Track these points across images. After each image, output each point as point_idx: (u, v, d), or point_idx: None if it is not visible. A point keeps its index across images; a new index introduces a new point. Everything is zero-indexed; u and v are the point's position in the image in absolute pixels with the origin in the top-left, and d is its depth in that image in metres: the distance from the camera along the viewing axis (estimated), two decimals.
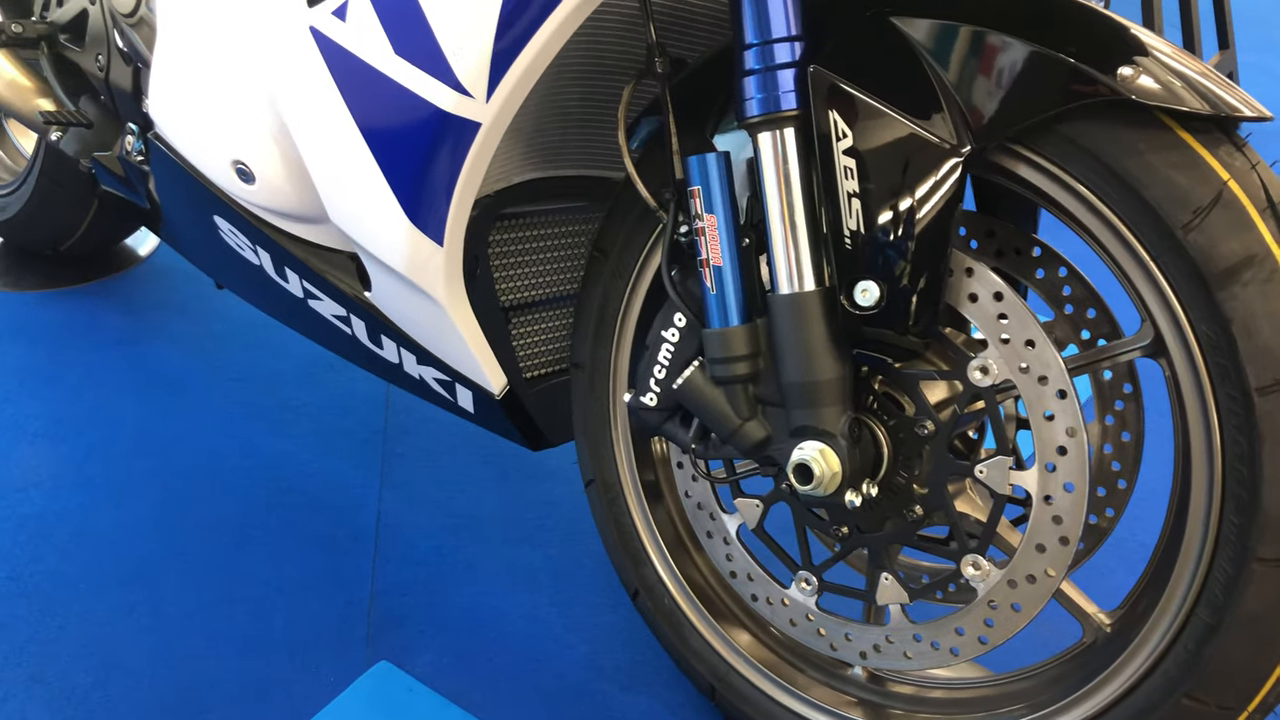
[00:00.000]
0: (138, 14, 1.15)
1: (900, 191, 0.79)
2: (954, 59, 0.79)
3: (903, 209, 0.79)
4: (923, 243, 0.79)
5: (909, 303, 0.80)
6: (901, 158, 0.78)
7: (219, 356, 1.80)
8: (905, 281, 0.80)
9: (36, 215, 1.87)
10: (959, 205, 0.79)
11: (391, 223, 0.98)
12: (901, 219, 0.79)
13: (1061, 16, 0.78)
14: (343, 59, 0.92)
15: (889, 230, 0.79)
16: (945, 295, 0.81)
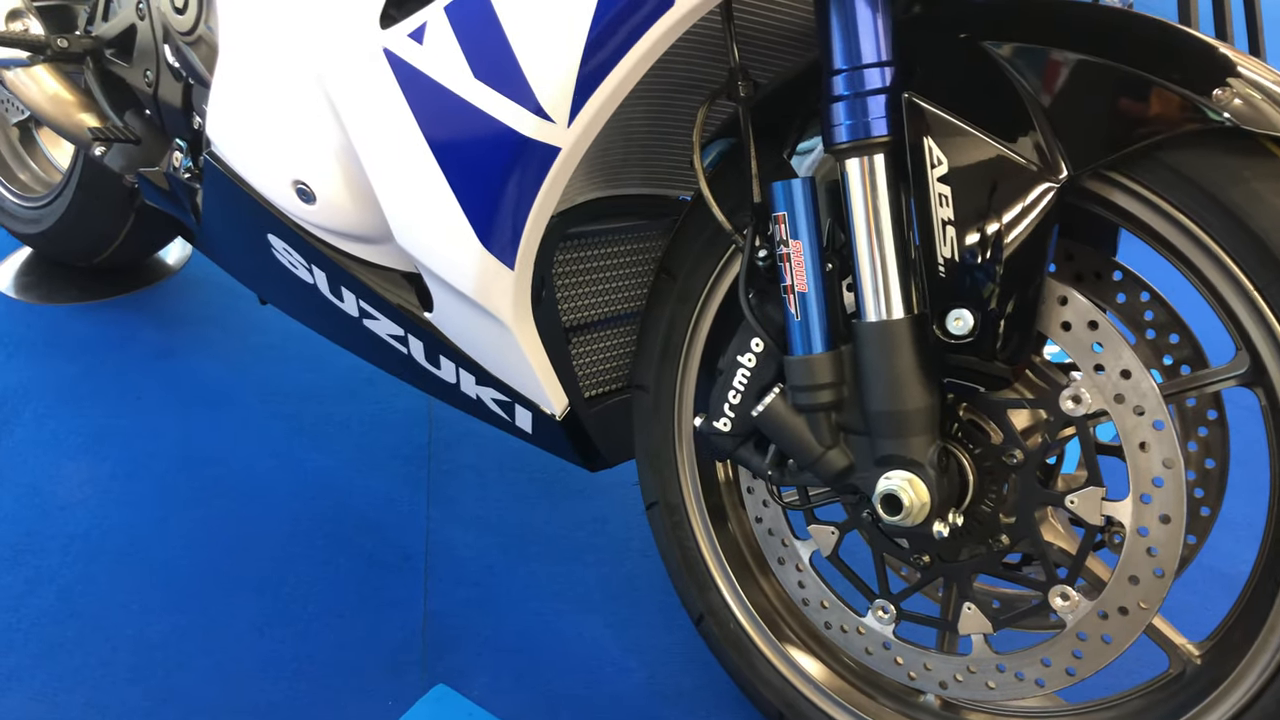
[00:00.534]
0: (196, 33, 1.14)
1: (996, 219, 0.77)
2: (1047, 85, 0.77)
3: (998, 236, 0.77)
4: (1018, 270, 0.78)
5: (1002, 331, 0.79)
6: (997, 185, 0.77)
7: (257, 371, 1.79)
8: (999, 309, 0.79)
9: (73, 228, 1.86)
10: (1054, 232, 0.78)
11: (462, 246, 0.97)
12: (997, 246, 0.78)
13: (1154, 40, 0.76)
14: (418, 81, 0.90)
15: (984, 258, 0.78)
16: (1038, 323, 0.80)
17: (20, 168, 1.98)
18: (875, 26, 0.80)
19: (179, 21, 1.15)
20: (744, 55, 1.01)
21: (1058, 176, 0.76)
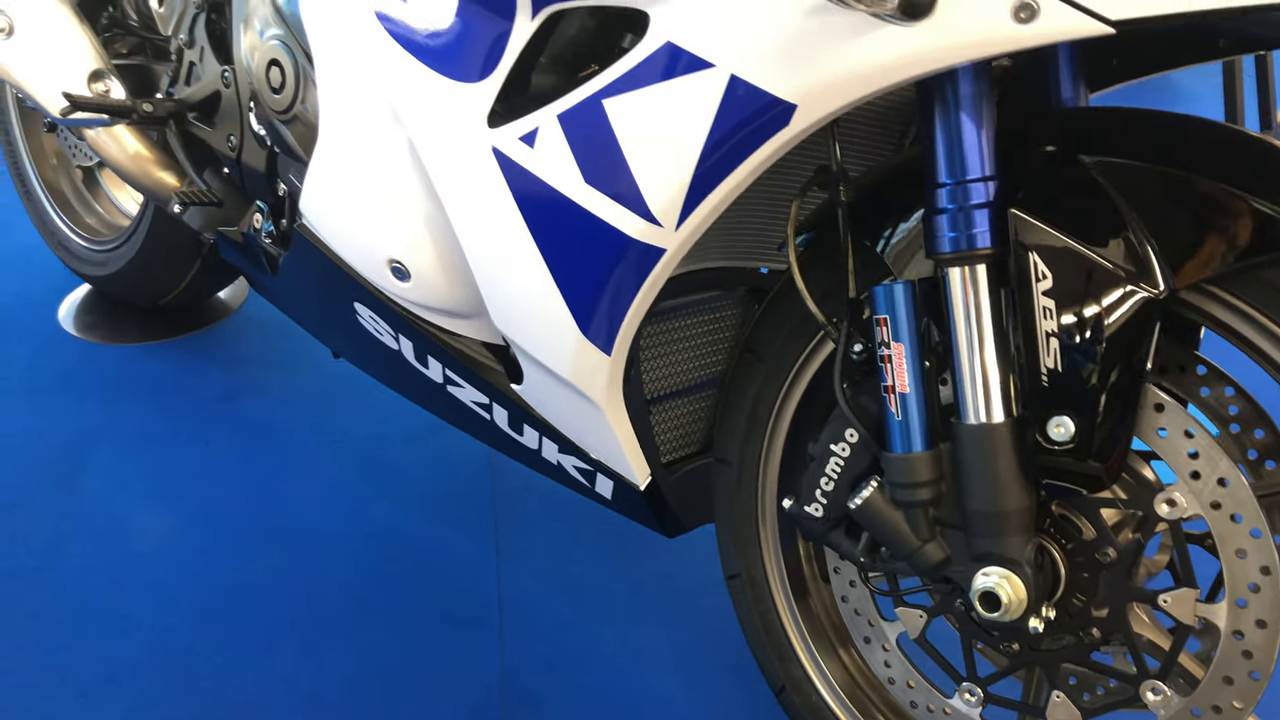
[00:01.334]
0: (292, 111, 1.17)
1: (1098, 331, 0.80)
2: (1147, 201, 0.80)
3: (1100, 348, 0.80)
4: (1118, 380, 0.80)
5: (1102, 437, 0.82)
6: (1100, 299, 0.80)
7: (321, 415, 1.82)
8: (1100, 418, 0.81)
9: (140, 272, 1.90)
10: (1153, 342, 0.80)
11: (562, 333, 1.00)
12: (1099, 358, 0.80)
13: (1255, 157, 0.79)
14: (527, 181, 0.93)
15: (1086, 368, 0.81)
16: (1135, 428, 0.83)
17: (86, 211, 2.02)
18: (980, 142, 0.83)
19: (275, 100, 1.19)
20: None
21: (1159, 291, 0.79)
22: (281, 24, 1.18)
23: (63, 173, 2.05)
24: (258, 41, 1.21)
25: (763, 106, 0.79)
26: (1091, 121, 0.90)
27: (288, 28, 1.17)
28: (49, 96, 1.47)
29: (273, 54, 1.18)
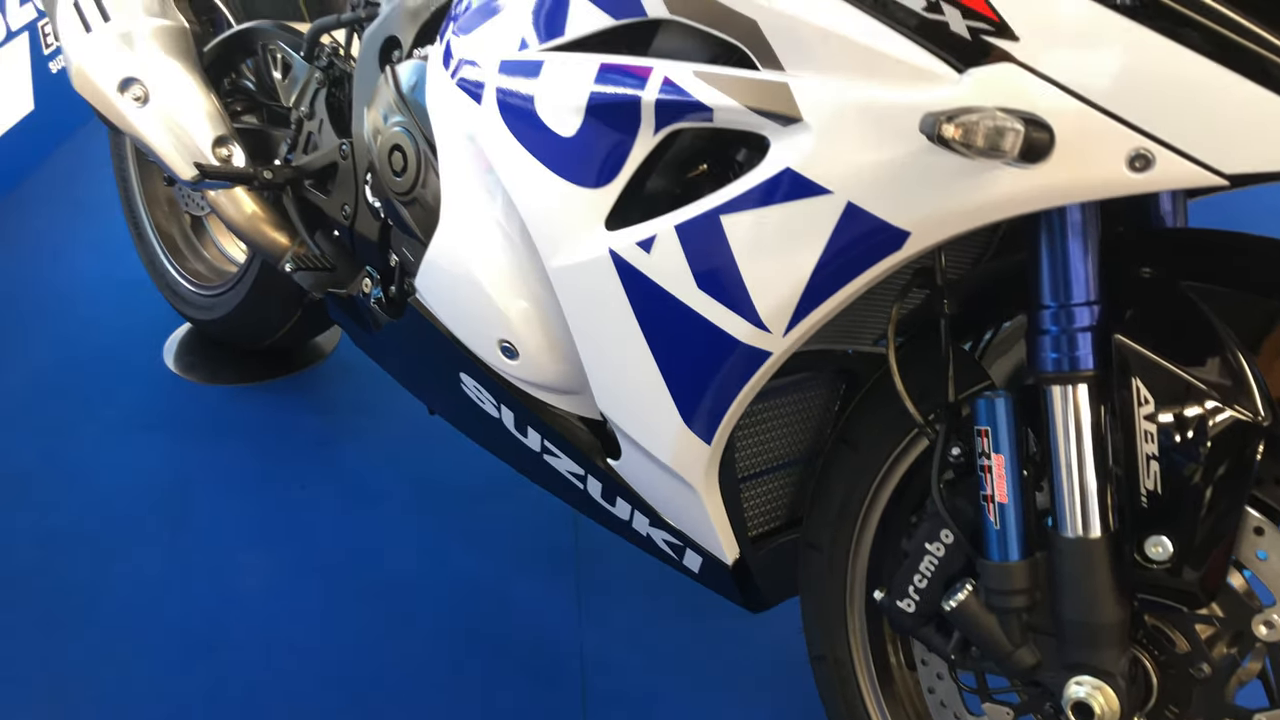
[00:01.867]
0: (412, 194, 1.23)
1: (1201, 457, 0.82)
2: (1249, 330, 0.82)
3: (1202, 474, 0.82)
4: (1219, 505, 0.82)
5: (1200, 558, 0.84)
6: (1204, 426, 0.82)
7: (411, 464, 1.89)
8: (1199, 539, 0.83)
9: (244, 319, 1.98)
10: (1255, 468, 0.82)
11: (665, 422, 1.05)
12: (1201, 483, 0.82)
13: None
14: (641, 283, 0.98)
15: (1187, 493, 0.83)
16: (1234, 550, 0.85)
17: (195, 257, 2.12)
18: (1085, 266, 0.86)
19: (395, 183, 1.25)
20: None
21: (1261, 418, 0.81)
22: (406, 111, 1.24)
23: (174, 219, 2.15)
24: (381, 125, 1.28)
25: (876, 232, 0.83)
26: (1191, 245, 0.92)
27: (411, 115, 1.23)
28: (178, 162, 1.56)
29: (396, 140, 1.24)
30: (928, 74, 0.76)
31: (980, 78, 0.74)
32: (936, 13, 0.75)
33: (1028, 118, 0.73)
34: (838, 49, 0.80)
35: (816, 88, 0.81)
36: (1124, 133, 0.72)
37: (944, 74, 0.76)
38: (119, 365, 2.13)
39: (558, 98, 0.98)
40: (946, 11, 0.75)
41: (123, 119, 1.58)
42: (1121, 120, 0.72)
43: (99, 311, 2.32)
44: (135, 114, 1.56)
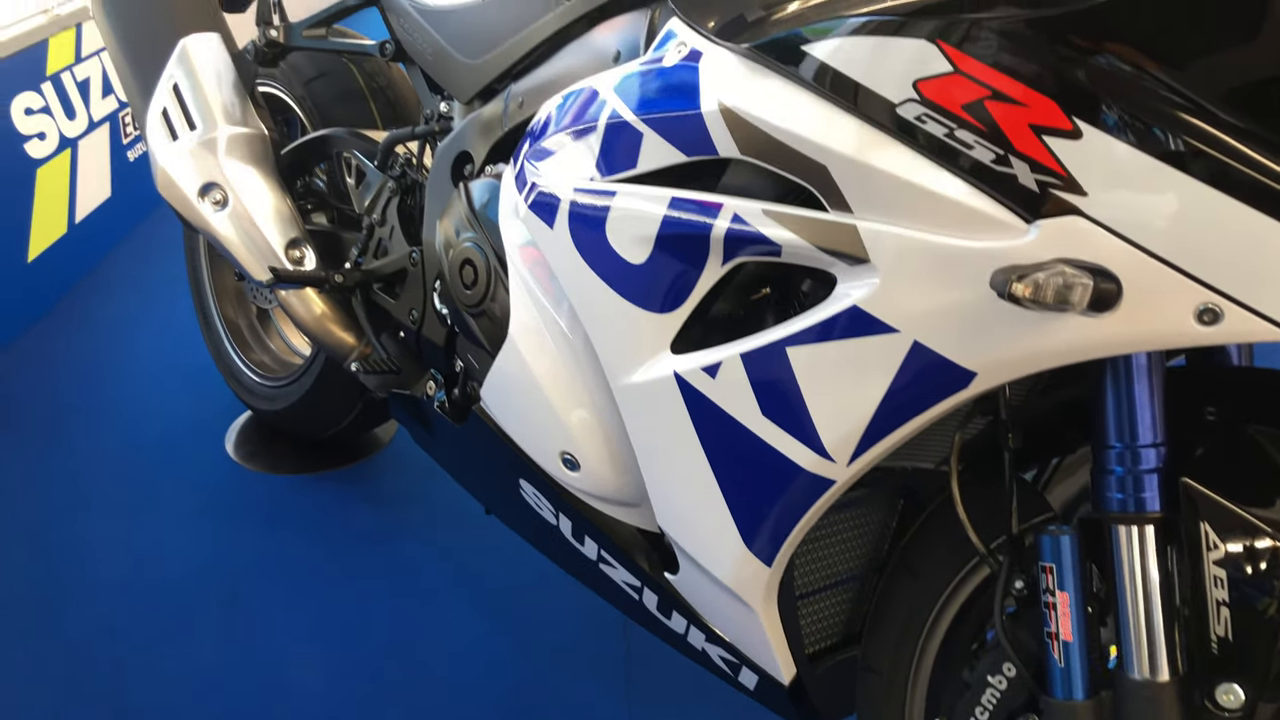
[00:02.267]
0: (481, 307, 1.27)
1: (1273, 604, 0.81)
2: None
3: (1274, 621, 0.81)
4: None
5: (1275, 709, 0.82)
6: (1275, 572, 0.81)
7: (465, 559, 1.90)
8: (1272, 690, 0.82)
9: (306, 411, 2.03)
10: None
11: (725, 543, 1.05)
12: (1273, 630, 0.81)
13: None
14: (706, 407, 1.00)
15: (1258, 639, 0.82)
16: None
17: (260, 348, 2.18)
18: (1151, 407, 0.86)
19: (465, 295, 1.29)
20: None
21: None
22: (478, 228, 1.28)
23: (241, 310, 2.21)
24: (453, 239, 1.32)
25: (942, 371, 0.84)
26: (1257, 385, 0.92)
27: (483, 232, 1.27)
28: (253, 264, 1.62)
29: (468, 254, 1.28)
30: (996, 223, 0.78)
31: (1048, 229, 0.76)
32: (1005, 165, 0.77)
33: (1095, 269, 0.74)
34: (906, 195, 0.82)
35: (884, 231, 0.84)
36: (1191, 287, 0.73)
37: (1012, 224, 0.78)
38: (182, 451, 2.18)
39: (629, 227, 1.02)
40: (1015, 165, 0.77)
41: (202, 222, 1.64)
42: (1188, 275, 0.73)
43: (165, 397, 2.38)
44: (214, 218, 1.63)
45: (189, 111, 1.64)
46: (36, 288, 2.71)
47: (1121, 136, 0.74)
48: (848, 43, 0.83)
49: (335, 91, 1.87)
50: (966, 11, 0.79)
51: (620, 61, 1.11)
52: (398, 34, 1.58)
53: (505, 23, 1.32)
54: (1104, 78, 0.74)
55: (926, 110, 0.80)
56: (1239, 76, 0.74)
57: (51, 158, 2.79)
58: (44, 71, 2.80)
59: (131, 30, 1.69)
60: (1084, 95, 0.74)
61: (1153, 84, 0.73)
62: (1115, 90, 0.74)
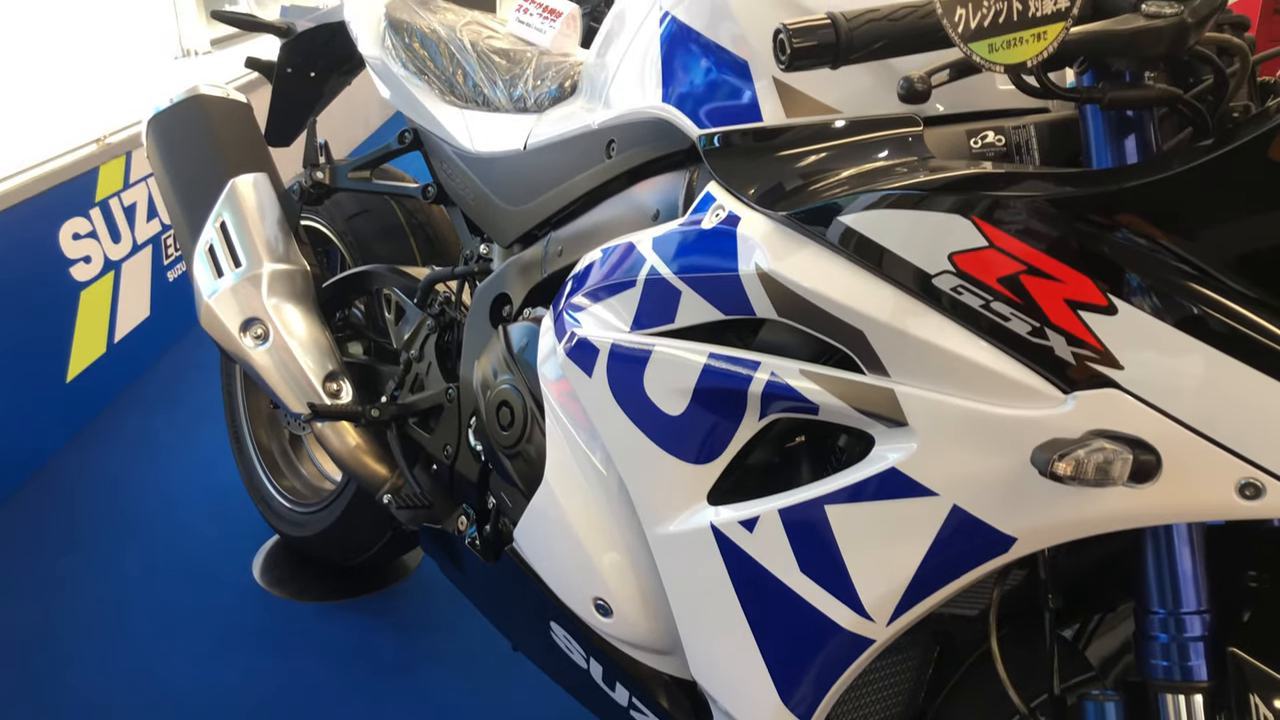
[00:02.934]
0: (516, 448, 1.28)
1: None
2: None
3: None
4: None
5: None
6: None
7: (490, 692, 1.87)
8: None
9: (335, 538, 2.03)
10: None
11: (762, 698, 1.04)
12: None
13: None
14: (743, 561, 1.00)
15: None
16: None
17: (292, 474, 2.20)
18: (1193, 574, 0.86)
19: (501, 436, 1.31)
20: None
21: None
22: (515, 370, 1.31)
23: (274, 435, 2.24)
24: (491, 380, 1.35)
25: (982, 535, 0.85)
26: None
27: (520, 375, 1.30)
28: (291, 399, 1.65)
29: (505, 396, 1.31)
30: (1033, 393, 0.80)
31: (1086, 401, 0.77)
32: (1041, 338, 0.79)
33: (1133, 441, 0.75)
34: (943, 362, 0.83)
35: (921, 396, 0.85)
36: (1232, 461, 0.74)
37: (1050, 394, 0.79)
38: (208, 576, 2.18)
39: (667, 379, 1.03)
40: (1051, 337, 0.79)
41: (243, 356, 1.68)
42: (1227, 449, 0.74)
43: (194, 518, 2.39)
44: (254, 352, 1.66)
45: (235, 249, 1.70)
46: (74, 407, 2.76)
47: (1155, 312, 0.76)
48: (884, 215, 0.86)
49: (376, 227, 1.93)
50: (999, 189, 0.82)
51: (659, 220, 1.15)
52: (440, 178, 1.63)
53: (547, 174, 1.37)
54: (1135, 255, 0.76)
55: (962, 282, 0.82)
56: (1266, 255, 0.76)
57: (95, 280, 2.86)
58: (93, 197, 2.90)
59: (184, 171, 1.76)
60: (1117, 272, 0.76)
61: (1181, 262, 0.75)
62: (1147, 267, 0.76)
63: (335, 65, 2.03)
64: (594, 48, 1.35)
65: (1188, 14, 0.75)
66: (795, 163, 0.98)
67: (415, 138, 1.67)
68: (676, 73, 1.13)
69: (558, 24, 1.56)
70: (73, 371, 2.76)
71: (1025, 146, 0.97)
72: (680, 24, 1.14)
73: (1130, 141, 0.84)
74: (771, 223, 0.95)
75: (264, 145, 1.85)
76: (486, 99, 1.53)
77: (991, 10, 0.70)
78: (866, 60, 0.80)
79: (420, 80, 1.60)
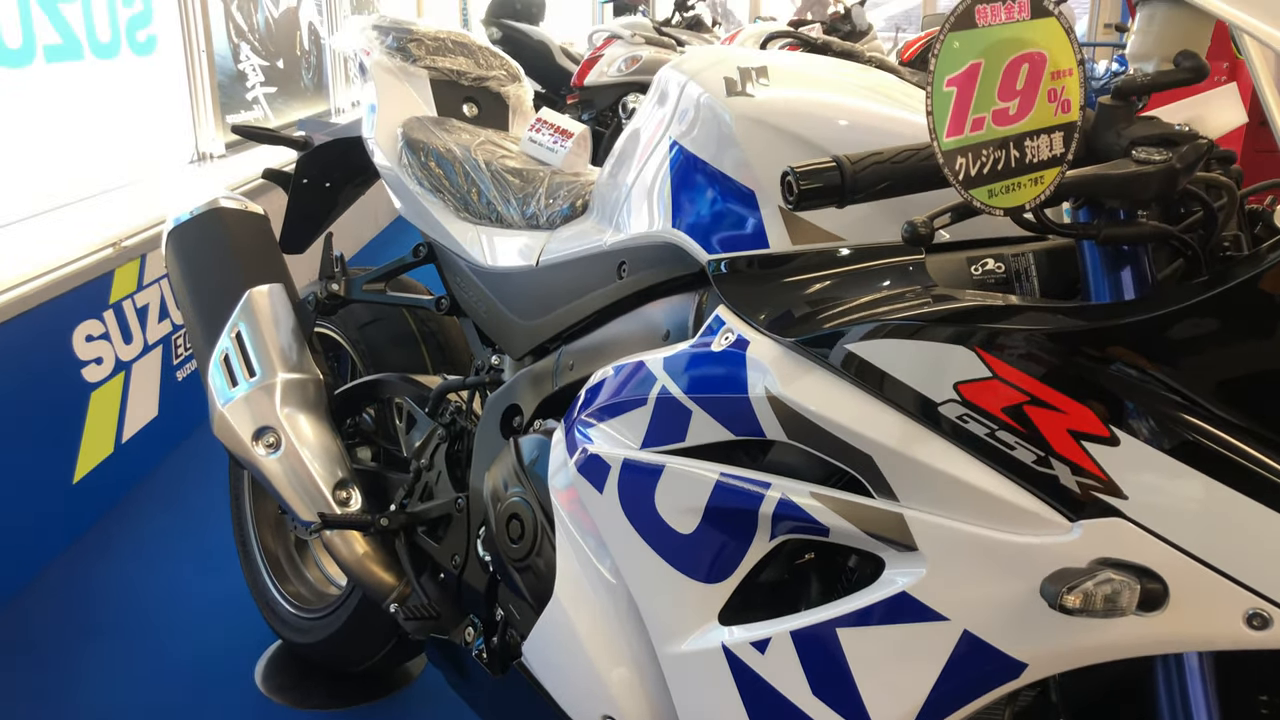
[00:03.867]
0: (526, 561, 1.29)
1: None
2: None
3: None
4: None
5: None
6: None
7: None
8: None
9: (339, 644, 2.02)
10: None
11: None
12: None
13: None
14: (754, 682, 1.00)
15: None
16: None
17: (298, 579, 2.19)
18: (1205, 701, 0.86)
19: (511, 549, 1.32)
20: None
21: None
22: (526, 483, 1.32)
23: (280, 540, 2.24)
24: (501, 491, 1.36)
25: (993, 660, 0.85)
26: None
27: (531, 488, 1.31)
28: (301, 508, 1.66)
29: (515, 509, 1.32)
30: (1040, 520, 0.81)
31: (1091, 530, 0.79)
32: (1046, 466, 0.81)
33: (1140, 570, 0.77)
34: (950, 489, 0.85)
35: (930, 521, 0.87)
36: (1238, 592, 0.75)
37: (1056, 521, 0.81)
38: (209, 683, 2.16)
39: (678, 498, 1.05)
40: (1056, 466, 0.81)
41: (254, 464, 1.69)
42: (1233, 579, 0.75)
43: (195, 622, 2.37)
44: (266, 461, 1.68)
45: (250, 359, 1.73)
46: (79, 508, 2.76)
47: (1155, 443, 0.78)
48: (891, 344, 0.89)
49: (388, 336, 1.97)
50: (1001, 322, 0.85)
51: (670, 339, 1.18)
52: (453, 290, 1.67)
53: (559, 290, 1.41)
54: (1135, 388, 0.79)
55: (968, 411, 0.84)
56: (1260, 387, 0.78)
57: (106, 381, 2.89)
58: (107, 300, 2.95)
59: (203, 282, 1.80)
60: (1118, 403, 0.79)
61: (1179, 394, 0.78)
62: (1146, 399, 0.78)
63: (350, 177, 2.10)
64: (606, 167, 1.40)
65: (1176, 160, 0.79)
66: (802, 289, 1.01)
67: (429, 251, 1.71)
68: (685, 200, 1.17)
69: (569, 144, 1.62)
70: (80, 472, 2.77)
71: (1025, 273, 1.01)
72: (688, 153, 1.19)
73: (1126, 273, 0.87)
74: (780, 348, 0.97)
75: (280, 256, 1.89)
76: (500, 216, 1.57)
77: (990, 158, 0.74)
78: (870, 200, 0.84)
79: (435, 197, 1.65)
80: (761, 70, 1.14)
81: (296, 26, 5.44)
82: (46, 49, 2.94)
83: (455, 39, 1.84)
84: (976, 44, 0.72)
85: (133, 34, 3.47)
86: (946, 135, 0.72)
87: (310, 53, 5.65)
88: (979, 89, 0.73)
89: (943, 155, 0.73)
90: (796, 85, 1.14)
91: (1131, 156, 0.80)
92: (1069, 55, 0.76)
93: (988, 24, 0.72)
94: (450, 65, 1.81)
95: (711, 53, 1.22)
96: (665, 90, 1.25)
